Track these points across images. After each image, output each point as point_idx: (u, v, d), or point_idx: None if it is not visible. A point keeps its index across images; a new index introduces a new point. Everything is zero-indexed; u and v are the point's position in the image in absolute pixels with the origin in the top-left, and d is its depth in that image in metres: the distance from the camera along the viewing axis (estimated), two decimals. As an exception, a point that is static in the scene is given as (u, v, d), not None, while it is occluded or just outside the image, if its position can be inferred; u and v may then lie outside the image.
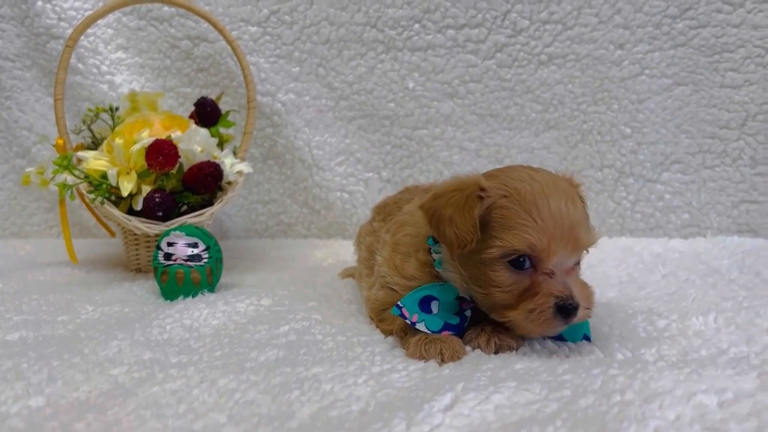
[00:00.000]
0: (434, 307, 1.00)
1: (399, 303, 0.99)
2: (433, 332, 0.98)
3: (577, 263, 0.95)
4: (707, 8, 1.85)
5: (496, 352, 0.96)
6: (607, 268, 1.54)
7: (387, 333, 1.06)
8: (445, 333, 0.98)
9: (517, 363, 0.90)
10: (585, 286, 0.93)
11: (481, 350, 0.97)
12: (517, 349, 0.97)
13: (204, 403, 0.80)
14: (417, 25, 1.94)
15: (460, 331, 0.99)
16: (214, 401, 0.80)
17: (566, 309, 0.88)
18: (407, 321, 0.98)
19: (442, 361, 0.92)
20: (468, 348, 0.99)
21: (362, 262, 1.26)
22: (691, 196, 1.92)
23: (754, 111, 1.87)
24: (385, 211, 1.28)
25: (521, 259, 0.89)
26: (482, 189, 0.91)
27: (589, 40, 1.90)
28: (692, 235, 1.92)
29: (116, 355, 0.96)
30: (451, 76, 1.96)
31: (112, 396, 0.82)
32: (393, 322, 1.05)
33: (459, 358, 0.94)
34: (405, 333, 1.01)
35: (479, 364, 0.91)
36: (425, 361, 0.92)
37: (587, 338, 0.99)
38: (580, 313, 0.90)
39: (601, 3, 1.88)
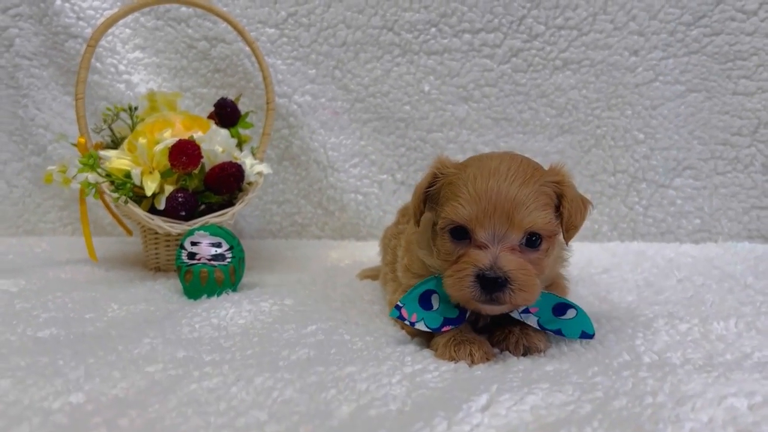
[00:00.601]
0: (435, 301, 1.01)
1: (399, 303, 1.02)
2: (433, 329, 1.00)
3: (530, 244, 0.94)
4: (721, 16, 1.87)
5: (524, 354, 0.98)
6: (623, 272, 1.56)
7: (412, 335, 1.08)
8: (446, 328, 0.99)
9: (546, 365, 0.92)
10: (527, 270, 0.92)
11: (510, 352, 0.98)
12: (544, 351, 0.99)
13: (243, 401, 0.81)
14: (433, 29, 1.96)
15: (460, 324, 1.00)
16: (252, 399, 0.82)
17: (485, 279, 0.90)
18: (406, 322, 1.00)
19: (472, 363, 0.93)
20: (496, 350, 1.00)
21: (387, 265, 1.28)
22: (703, 202, 1.94)
23: (766, 118, 1.89)
24: (409, 213, 1.30)
25: (460, 230, 0.95)
26: (440, 169, 1.01)
27: (604, 46, 1.91)
28: (703, 241, 1.94)
29: (150, 353, 0.97)
30: (467, 79, 1.97)
31: (152, 393, 0.83)
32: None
33: (489, 359, 0.95)
34: (432, 335, 1.03)
35: (509, 366, 0.93)
36: (455, 362, 0.93)
37: (587, 336, 1.00)
38: (516, 295, 0.90)
39: (616, 10, 1.90)
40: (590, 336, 1.00)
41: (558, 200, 0.98)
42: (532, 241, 0.94)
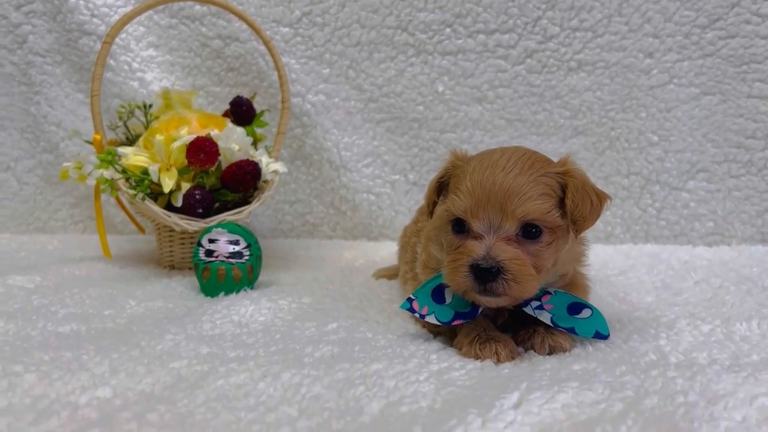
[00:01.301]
0: (448, 295, 1.01)
1: (411, 296, 1.02)
2: (443, 323, 1.00)
3: (529, 236, 0.93)
4: (736, 19, 1.87)
5: (549, 353, 0.97)
6: (639, 274, 1.56)
7: (434, 333, 1.07)
8: (457, 322, 0.99)
9: (573, 364, 0.91)
10: (521, 260, 0.91)
11: (535, 351, 0.98)
12: (570, 351, 0.98)
13: (271, 397, 0.80)
14: (448, 30, 1.96)
15: (471, 319, 1.00)
16: (280, 395, 0.81)
17: (478, 269, 0.91)
18: (416, 314, 1.01)
19: (498, 361, 0.93)
20: (520, 349, 1.00)
21: (407, 264, 1.27)
22: (716, 205, 1.94)
23: (780, 121, 1.89)
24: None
25: (459, 223, 0.96)
26: (453, 162, 1.03)
27: (619, 48, 1.91)
28: (716, 244, 1.93)
29: (173, 349, 0.97)
30: (481, 80, 1.97)
31: (178, 389, 0.82)
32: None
33: (514, 358, 0.95)
34: (454, 334, 1.02)
35: (536, 365, 0.92)
36: (481, 361, 0.93)
37: (601, 336, 0.99)
38: (510, 286, 0.90)
39: (631, 12, 1.89)
40: (605, 337, 0.99)
41: (563, 192, 0.96)
42: (531, 232, 0.93)
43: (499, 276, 0.90)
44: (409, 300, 1.02)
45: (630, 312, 1.20)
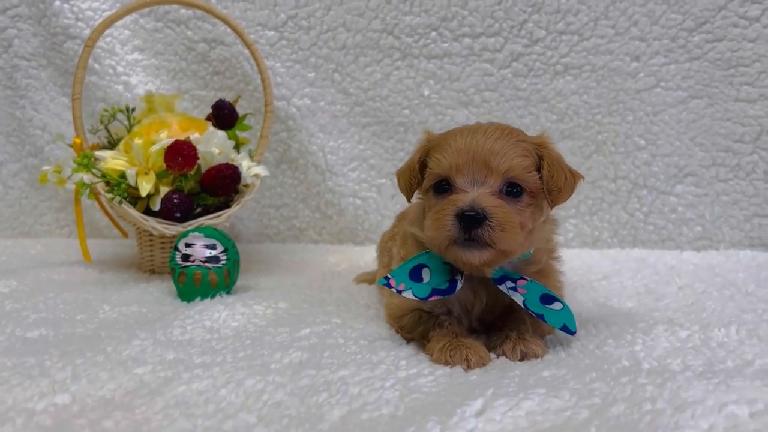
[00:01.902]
0: (425, 275, 1.01)
1: (388, 275, 1.02)
2: (420, 299, 1.00)
3: (511, 194, 0.96)
4: (723, 22, 1.86)
5: (521, 359, 0.96)
6: (623, 279, 1.54)
7: (408, 339, 1.06)
8: (434, 297, 0.99)
9: (544, 370, 0.90)
10: (506, 210, 0.93)
11: (507, 357, 0.97)
12: (542, 357, 0.97)
13: (232, 404, 0.79)
14: (434, 33, 1.95)
15: (449, 295, 1.01)
16: (241, 402, 0.80)
17: (464, 216, 0.91)
18: (393, 290, 1.00)
19: (468, 368, 0.92)
20: (492, 355, 0.99)
21: (384, 268, 1.26)
22: (704, 209, 1.92)
23: (768, 125, 1.88)
24: (406, 214, 1.29)
25: (442, 184, 0.98)
26: (428, 140, 1.05)
27: (606, 51, 1.90)
28: (704, 248, 1.91)
29: (139, 355, 0.96)
30: (467, 84, 1.96)
31: (139, 395, 0.81)
32: (413, 329, 1.06)
33: (485, 364, 0.94)
34: (427, 340, 1.01)
35: (506, 371, 0.91)
36: (451, 367, 0.92)
37: (568, 330, 0.98)
38: (495, 233, 0.91)
39: (617, 15, 1.88)
40: (571, 332, 0.99)
41: (539, 163, 0.99)
42: (513, 191, 0.96)
43: (484, 222, 0.91)
44: (386, 278, 1.02)
45: (608, 317, 1.19)
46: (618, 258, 1.83)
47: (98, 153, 1.50)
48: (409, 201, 1.10)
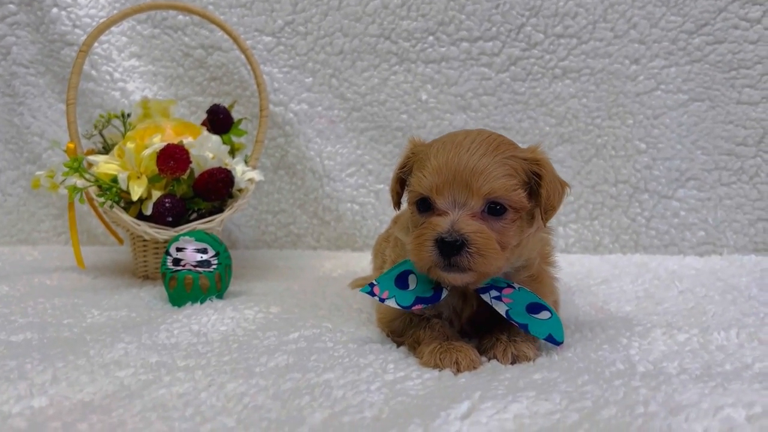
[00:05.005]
0: (411, 281, 1.00)
1: (373, 281, 1.01)
2: (403, 308, 0.98)
3: (493, 213, 0.93)
4: (724, 24, 1.83)
5: (512, 362, 0.94)
6: (623, 283, 1.51)
7: (398, 343, 1.04)
8: (418, 306, 0.98)
9: (535, 373, 0.88)
10: (485, 234, 0.91)
11: (498, 360, 0.94)
12: (534, 360, 0.94)
13: (212, 407, 0.77)
14: (431, 38, 1.94)
15: (434, 304, 0.99)
16: (222, 405, 0.78)
17: (443, 243, 0.90)
18: (376, 298, 0.99)
19: (458, 371, 0.89)
20: (483, 358, 0.96)
21: (377, 270, 1.24)
22: (707, 214, 1.89)
23: (771, 128, 1.85)
24: (400, 219, 1.27)
25: (424, 201, 0.95)
26: (412, 149, 1.02)
27: (604, 54, 1.88)
28: (708, 253, 1.88)
29: (122, 358, 0.94)
30: (465, 88, 1.94)
31: (117, 398, 0.80)
32: (403, 332, 1.04)
33: (475, 367, 0.91)
34: (417, 343, 0.99)
35: (496, 374, 0.88)
36: (440, 370, 0.89)
37: (554, 340, 0.95)
38: (474, 259, 0.89)
39: (616, 18, 1.87)
40: (558, 342, 0.96)
41: (529, 178, 0.96)
42: (496, 209, 0.93)
43: (463, 249, 0.89)
44: (371, 285, 1.00)
45: (605, 321, 1.16)
46: (619, 263, 1.80)
47: (91, 157, 1.49)
48: (396, 209, 1.09)
